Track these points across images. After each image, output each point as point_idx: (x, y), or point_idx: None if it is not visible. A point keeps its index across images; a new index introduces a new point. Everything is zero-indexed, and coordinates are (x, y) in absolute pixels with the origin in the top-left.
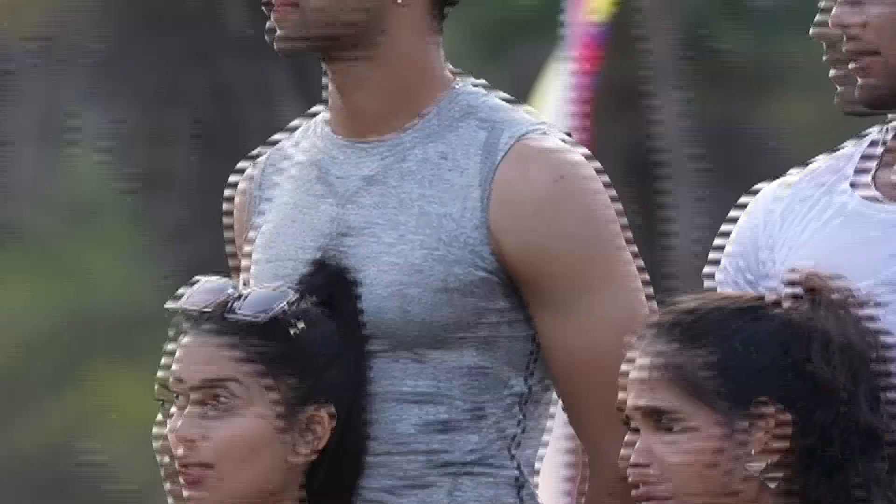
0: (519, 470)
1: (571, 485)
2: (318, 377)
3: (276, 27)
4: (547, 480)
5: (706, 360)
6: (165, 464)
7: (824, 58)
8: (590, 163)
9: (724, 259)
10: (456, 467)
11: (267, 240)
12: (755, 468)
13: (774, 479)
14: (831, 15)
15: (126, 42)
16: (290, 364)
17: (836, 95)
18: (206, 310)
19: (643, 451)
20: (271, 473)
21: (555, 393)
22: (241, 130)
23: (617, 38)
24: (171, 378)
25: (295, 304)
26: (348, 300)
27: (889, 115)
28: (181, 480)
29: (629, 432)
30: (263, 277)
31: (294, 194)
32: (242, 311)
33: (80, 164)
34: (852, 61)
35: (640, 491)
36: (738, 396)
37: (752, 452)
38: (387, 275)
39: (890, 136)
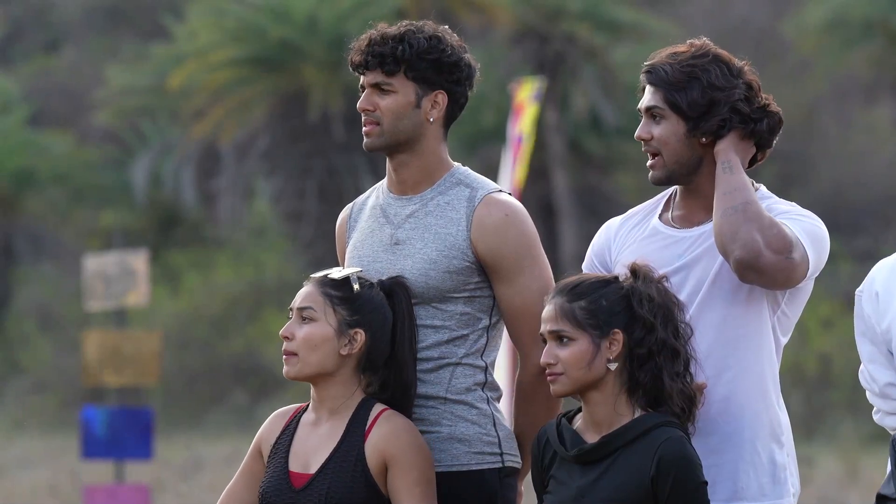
0: (486, 364)
1: (511, 373)
2: (363, 316)
3: (365, 136)
4: (500, 371)
5: (583, 307)
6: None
7: (643, 149)
8: (523, 207)
9: (590, 257)
10: (453, 363)
11: (355, 246)
12: (611, 365)
13: (613, 365)
14: (637, 130)
15: (280, 142)
16: (346, 304)
17: (649, 175)
18: (316, 276)
19: (550, 354)
20: (328, 359)
21: (504, 325)
22: (342, 191)
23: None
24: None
25: (360, 278)
26: (403, 291)
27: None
28: (283, 357)
29: (545, 347)
30: (354, 263)
31: (368, 223)
32: (329, 276)
33: (257, 206)
34: (651, 156)
35: (548, 376)
36: (599, 327)
37: (610, 357)
38: (418, 264)
39: (677, 194)
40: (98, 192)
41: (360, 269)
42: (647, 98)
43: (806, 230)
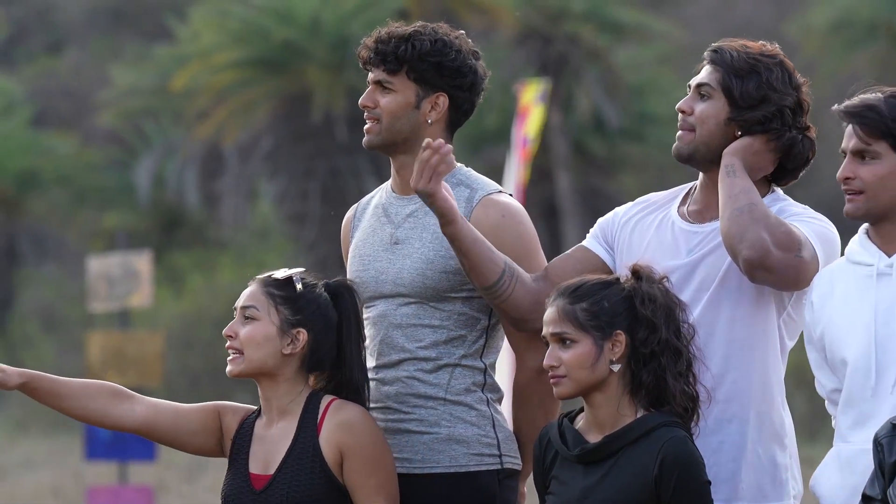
0: (485, 366)
1: (511, 373)
2: (305, 315)
3: (365, 133)
4: (501, 373)
5: (584, 309)
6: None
7: (679, 122)
8: (522, 208)
9: (595, 228)
10: (452, 364)
11: (357, 245)
12: (614, 366)
13: (616, 366)
14: (680, 102)
15: (283, 143)
16: (288, 303)
17: (673, 147)
18: (261, 276)
19: (552, 356)
20: (271, 357)
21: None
22: (345, 193)
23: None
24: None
25: (304, 278)
26: (348, 294)
27: (700, 174)
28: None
29: (548, 349)
30: (355, 263)
31: (370, 222)
32: (273, 276)
33: (260, 208)
34: (684, 130)
35: (551, 378)
36: (601, 328)
37: (613, 359)
38: (416, 264)
39: (697, 186)
40: (101, 193)
41: (304, 270)
42: (702, 75)
43: (816, 232)
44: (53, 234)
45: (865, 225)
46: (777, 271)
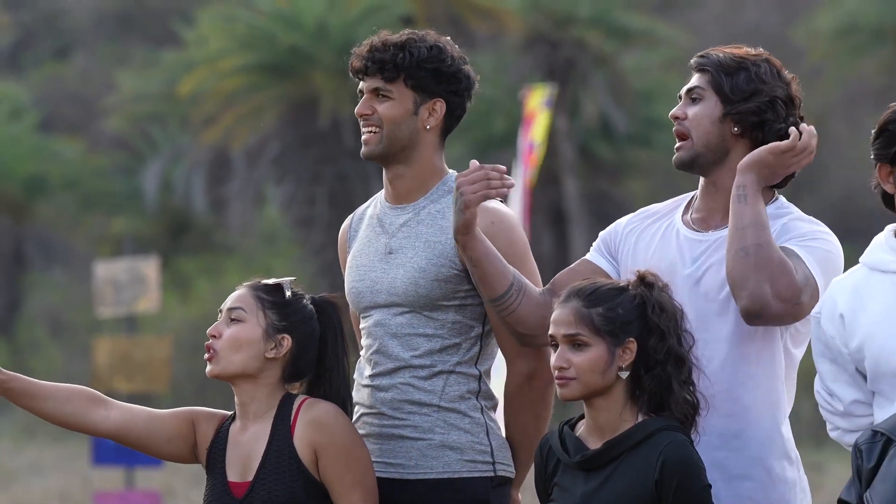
0: (480, 373)
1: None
2: (292, 322)
3: (364, 144)
4: (494, 378)
5: (601, 314)
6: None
7: (674, 129)
8: (513, 214)
9: (598, 242)
10: (446, 371)
11: (354, 256)
12: (622, 373)
13: (625, 373)
14: (672, 110)
15: (290, 148)
16: (276, 308)
17: (673, 157)
18: (248, 283)
19: (562, 358)
20: (253, 361)
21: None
22: (352, 197)
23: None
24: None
25: (293, 286)
26: (332, 309)
27: (700, 179)
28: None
29: (557, 350)
30: (351, 274)
31: (366, 233)
32: (263, 281)
33: (267, 212)
34: (679, 137)
35: (558, 380)
36: (615, 334)
37: (622, 366)
38: (409, 273)
39: (697, 198)
40: (109, 198)
41: (293, 279)
42: (692, 81)
43: (818, 260)
44: (60, 238)
45: (890, 232)
46: (774, 320)
